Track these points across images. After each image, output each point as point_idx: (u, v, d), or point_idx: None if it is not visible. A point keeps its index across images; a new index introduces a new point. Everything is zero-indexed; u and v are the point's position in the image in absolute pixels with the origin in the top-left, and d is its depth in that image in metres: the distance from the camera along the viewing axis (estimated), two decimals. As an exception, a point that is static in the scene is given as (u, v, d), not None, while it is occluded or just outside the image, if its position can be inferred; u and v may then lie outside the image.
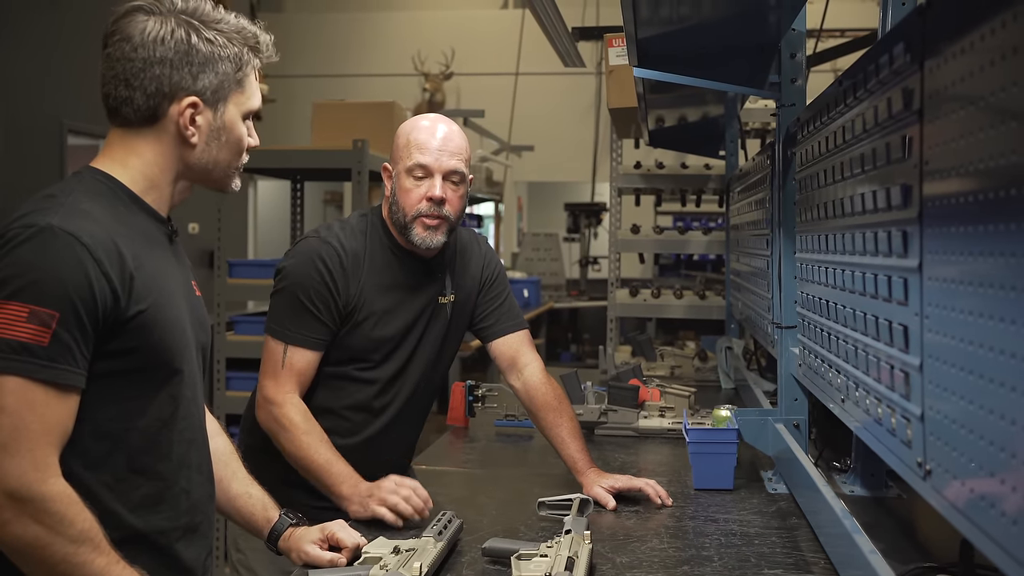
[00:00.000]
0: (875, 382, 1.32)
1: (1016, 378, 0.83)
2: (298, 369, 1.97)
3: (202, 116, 1.36)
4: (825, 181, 1.66)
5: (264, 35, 1.44)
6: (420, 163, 1.97)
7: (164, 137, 1.36)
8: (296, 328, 1.97)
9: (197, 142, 1.37)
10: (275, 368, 1.97)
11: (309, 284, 1.97)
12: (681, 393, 2.88)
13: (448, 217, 2.00)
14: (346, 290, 1.99)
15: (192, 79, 1.34)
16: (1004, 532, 0.84)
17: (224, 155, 1.41)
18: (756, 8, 1.94)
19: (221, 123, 1.38)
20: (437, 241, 2.00)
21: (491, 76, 10.00)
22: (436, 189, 1.97)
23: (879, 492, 1.95)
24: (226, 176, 1.44)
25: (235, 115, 1.40)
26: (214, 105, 1.37)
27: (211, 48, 1.35)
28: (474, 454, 2.57)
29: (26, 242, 1.21)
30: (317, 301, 1.97)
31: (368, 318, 2.02)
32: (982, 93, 0.89)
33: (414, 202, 1.98)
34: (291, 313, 1.98)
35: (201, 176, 1.42)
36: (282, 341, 1.97)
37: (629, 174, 4.30)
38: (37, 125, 5.92)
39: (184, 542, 1.40)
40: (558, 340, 8.39)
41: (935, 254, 1.05)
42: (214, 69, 1.35)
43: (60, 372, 1.20)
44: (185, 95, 1.34)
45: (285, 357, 1.96)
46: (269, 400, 1.96)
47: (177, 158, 1.38)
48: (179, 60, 1.33)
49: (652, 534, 1.80)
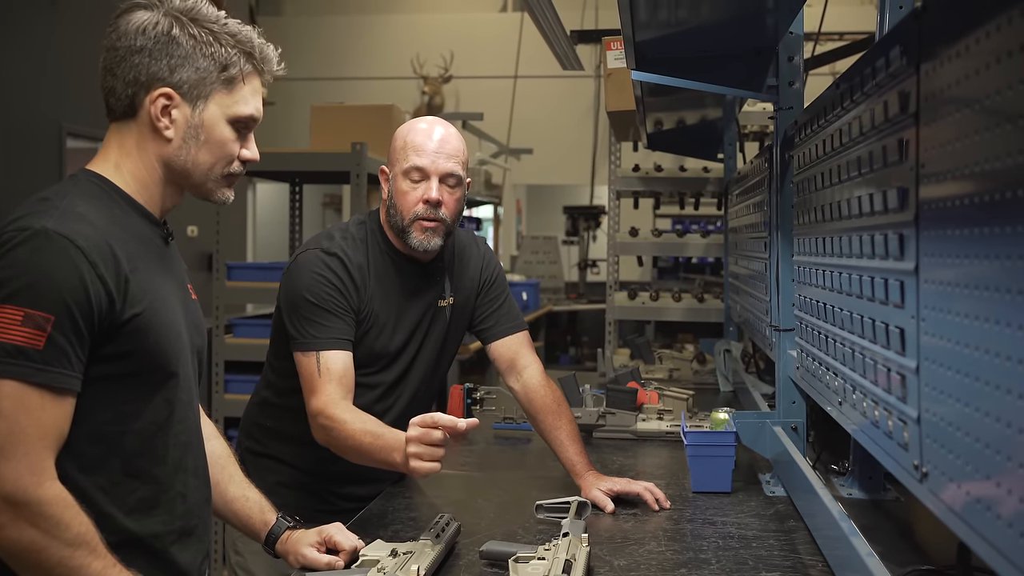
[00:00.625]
0: (872, 385, 1.32)
1: (1012, 381, 0.83)
2: (336, 373, 1.88)
3: (178, 110, 1.35)
4: (822, 184, 1.66)
5: (269, 48, 1.42)
6: (416, 165, 1.96)
7: (144, 130, 1.36)
8: (320, 332, 1.91)
9: (172, 137, 1.36)
10: (312, 379, 1.88)
11: (319, 289, 1.93)
12: (679, 396, 2.87)
13: (445, 220, 1.99)
14: (356, 297, 1.97)
15: (169, 71, 1.34)
16: (1000, 535, 0.84)
17: (204, 157, 1.38)
18: (753, 11, 1.94)
19: (199, 121, 1.37)
20: (434, 244, 2.00)
21: (490, 79, 10.01)
22: (432, 192, 1.96)
23: (877, 495, 1.95)
24: (208, 181, 1.41)
25: (217, 116, 1.38)
26: (192, 101, 1.36)
27: (193, 43, 1.34)
28: (472, 457, 2.57)
29: (21, 245, 1.21)
30: (331, 301, 1.93)
31: (372, 328, 2.01)
32: (977, 96, 0.89)
33: (411, 205, 1.97)
34: (311, 320, 1.92)
35: (182, 177, 1.40)
36: (312, 350, 1.90)
37: (628, 177, 4.30)
38: (36, 128, 5.92)
39: (180, 546, 1.40)
40: (557, 343, 8.39)
41: (931, 257, 1.05)
42: (194, 64, 1.35)
43: (55, 375, 1.20)
44: (160, 85, 1.34)
45: (320, 364, 1.89)
46: (314, 413, 1.86)
47: (156, 154, 1.37)
48: (158, 50, 1.33)
49: (650, 537, 1.80)
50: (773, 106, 2.20)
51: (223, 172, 1.41)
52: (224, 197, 1.44)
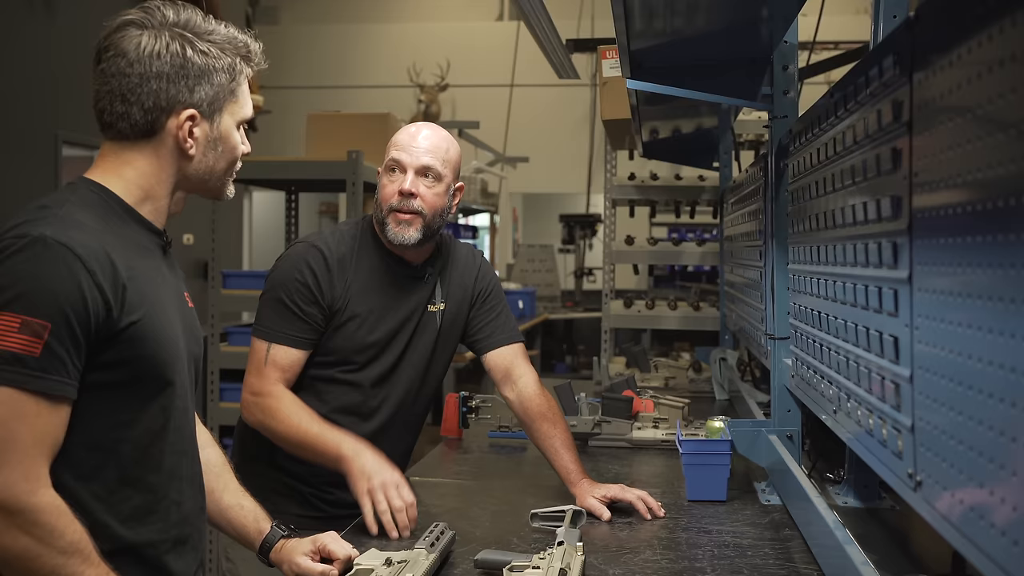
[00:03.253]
0: (866, 393, 1.33)
1: (1005, 389, 0.83)
2: (281, 366, 2.00)
3: (199, 128, 1.37)
4: (817, 193, 1.67)
5: (254, 43, 1.45)
6: (395, 158, 2.04)
7: (162, 150, 1.37)
8: (279, 327, 2.01)
9: (195, 153, 1.38)
10: (259, 366, 2.00)
11: (291, 285, 2.01)
12: (675, 404, 2.88)
13: (421, 212, 2.02)
14: (331, 290, 2.02)
15: (189, 92, 1.35)
16: (994, 544, 0.85)
17: (220, 164, 1.42)
18: (748, 21, 1.95)
19: (218, 133, 1.40)
20: (410, 236, 2.02)
21: (486, 88, 10.03)
22: (407, 183, 2.01)
23: (872, 503, 1.95)
24: (221, 184, 1.46)
25: (230, 124, 1.41)
26: (211, 116, 1.38)
27: (206, 60, 1.36)
28: (467, 465, 2.57)
29: (19, 252, 1.21)
30: (299, 300, 2.00)
31: (351, 319, 2.04)
32: (970, 105, 0.90)
33: (388, 197, 2.03)
34: (274, 313, 2.02)
35: (198, 186, 1.43)
36: (265, 340, 2.01)
37: (623, 185, 4.31)
38: (32, 136, 5.91)
39: (174, 554, 1.40)
40: (553, 351, 8.38)
41: (925, 265, 1.06)
42: (210, 81, 1.36)
43: (51, 383, 1.20)
44: (183, 108, 1.35)
45: (268, 354, 2.00)
46: (254, 392, 1.98)
47: (175, 170, 1.39)
48: (175, 74, 1.34)
49: (645, 546, 1.79)
50: (768, 115, 2.21)
51: (232, 172, 1.46)
52: (231, 193, 1.50)
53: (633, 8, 1.75)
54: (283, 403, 1.96)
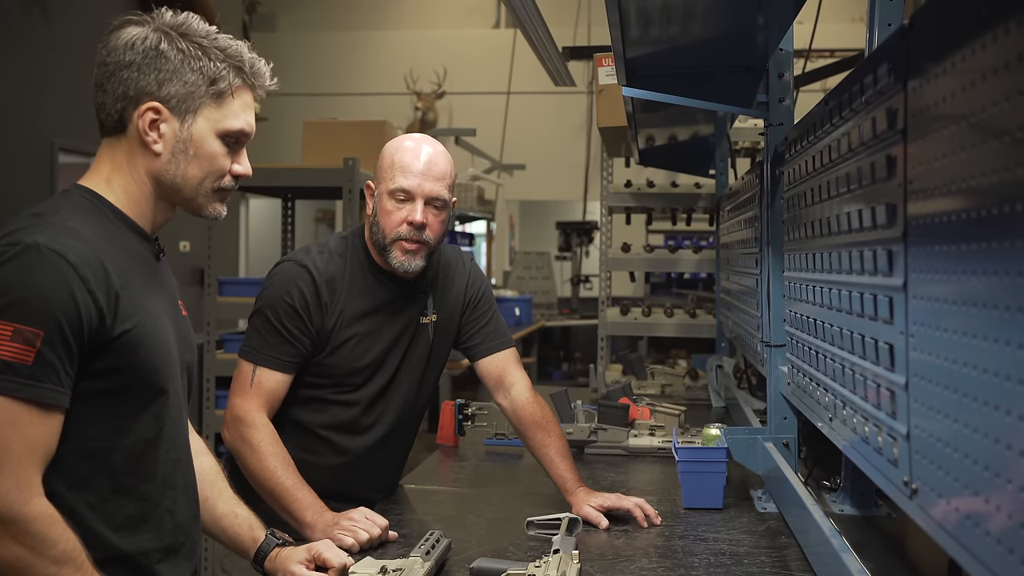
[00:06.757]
0: (862, 401, 1.33)
1: (1000, 397, 0.83)
2: (267, 389, 1.96)
3: (167, 125, 1.35)
4: (812, 200, 1.67)
5: (259, 62, 1.42)
6: (402, 187, 1.96)
7: (133, 145, 1.36)
8: (266, 349, 1.96)
9: (161, 151, 1.35)
10: (244, 387, 1.96)
11: (280, 307, 1.97)
12: (671, 412, 2.87)
13: (428, 242, 1.99)
14: (320, 315, 1.98)
15: (157, 85, 1.34)
16: (989, 552, 0.84)
17: (194, 171, 1.38)
18: (744, 29, 1.96)
19: (188, 135, 1.36)
20: (415, 265, 1.99)
21: (483, 95, 10.05)
22: (417, 214, 1.95)
23: (869, 511, 1.95)
24: (199, 196, 1.40)
25: (206, 130, 1.37)
26: (181, 115, 1.35)
27: (181, 57, 1.34)
28: (463, 473, 2.56)
29: (12, 260, 1.21)
30: (288, 323, 1.96)
31: (347, 342, 2.01)
32: (964, 113, 0.90)
33: (394, 225, 1.97)
34: (262, 335, 1.97)
35: (172, 192, 1.39)
36: (252, 362, 1.96)
37: (620, 193, 4.31)
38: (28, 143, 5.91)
39: (167, 563, 1.39)
40: (550, 358, 8.39)
41: (920, 273, 1.06)
42: (182, 78, 1.34)
43: (44, 391, 1.20)
44: (148, 100, 1.34)
45: (254, 377, 1.95)
46: (238, 419, 1.93)
47: (146, 169, 1.36)
48: (146, 65, 1.33)
49: (641, 554, 1.79)
50: (764, 122, 2.21)
51: (214, 187, 1.41)
52: (215, 212, 1.43)
53: (629, 16, 1.76)
54: (263, 441, 1.90)
